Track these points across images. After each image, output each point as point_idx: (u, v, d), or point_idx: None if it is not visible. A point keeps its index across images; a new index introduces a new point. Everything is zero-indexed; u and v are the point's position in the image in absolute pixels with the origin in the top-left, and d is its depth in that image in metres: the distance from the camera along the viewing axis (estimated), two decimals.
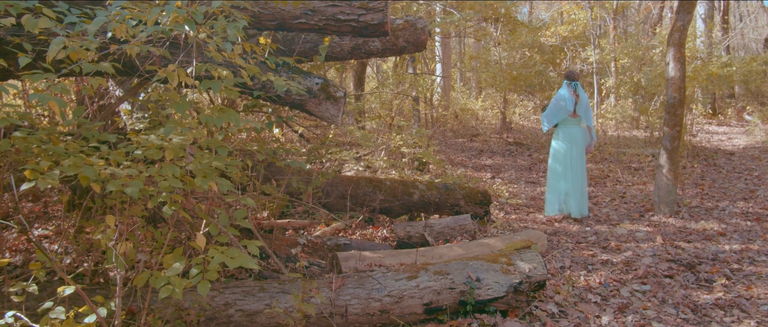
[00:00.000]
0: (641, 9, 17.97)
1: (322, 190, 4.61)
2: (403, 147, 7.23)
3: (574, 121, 5.72)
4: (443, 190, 5.09)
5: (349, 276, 3.01)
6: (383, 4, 2.88)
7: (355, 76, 9.51)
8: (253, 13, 2.82)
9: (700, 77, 10.20)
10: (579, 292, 3.49)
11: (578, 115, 5.66)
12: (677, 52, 5.57)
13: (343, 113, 3.10)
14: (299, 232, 4.65)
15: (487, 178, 8.01)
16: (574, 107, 5.62)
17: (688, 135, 10.00)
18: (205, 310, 2.70)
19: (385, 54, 3.89)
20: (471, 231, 4.64)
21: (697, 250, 4.41)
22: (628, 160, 8.93)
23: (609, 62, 13.04)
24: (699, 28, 13.75)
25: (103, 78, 2.15)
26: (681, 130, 5.73)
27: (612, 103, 13.21)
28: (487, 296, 3.02)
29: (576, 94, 5.62)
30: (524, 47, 12.51)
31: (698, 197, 6.53)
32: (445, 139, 11.50)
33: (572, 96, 5.61)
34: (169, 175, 2.00)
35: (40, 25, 1.80)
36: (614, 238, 4.89)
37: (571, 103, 5.61)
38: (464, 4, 9.95)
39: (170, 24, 2.09)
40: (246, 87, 2.82)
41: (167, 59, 2.60)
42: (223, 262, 1.96)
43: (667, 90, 5.69)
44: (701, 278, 3.77)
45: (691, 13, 5.68)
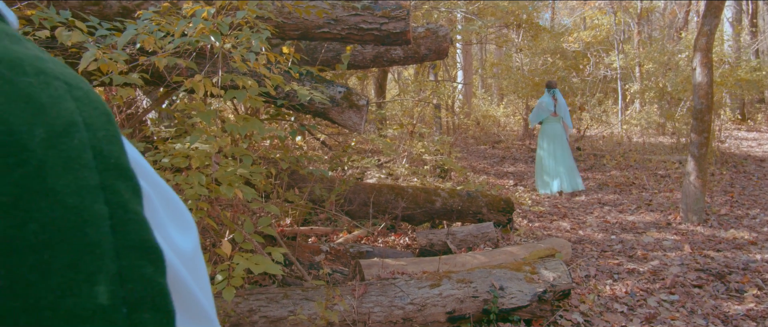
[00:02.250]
0: (666, 13, 17.71)
1: (344, 197, 4.64)
2: (425, 154, 7.22)
3: (555, 119, 7.37)
4: (466, 197, 5.07)
5: (372, 283, 3.01)
6: (405, 12, 2.89)
7: (377, 84, 9.54)
8: (276, 23, 2.87)
9: (728, 82, 9.99)
10: (605, 302, 3.44)
11: (557, 114, 7.32)
12: (704, 57, 5.47)
13: (366, 121, 3.12)
14: (322, 240, 4.67)
15: (509, 185, 7.95)
16: (554, 109, 7.31)
17: (717, 141, 9.79)
18: (229, 316, 2.73)
19: (407, 62, 3.90)
20: (494, 239, 4.61)
21: (727, 259, 4.31)
22: (654, 167, 8.77)
23: (633, 67, 12.86)
24: (726, 31, 13.48)
25: (132, 88, 2.21)
26: (709, 136, 5.62)
27: (637, 109, 13.01)
28: (510, 305, 2.99)
29: (555, 99, 7.32)
30: (546, 53, 12.42)
31: (727, 205, 6.38)
32: (466, 147, 11.45)
33: (552, 100, 7.30)
34: (195, 182, 2.04)
35: (74, 39, 1.85)
36: (640, 246, 4.80)
37: (551, 106, 7.32)
38: (486, 11, 9.93)
39: (196, 35, 2.14)
40: (270, 96, 2.86)
41: (193, 70, 2.65)
42: (248, 268, 1.99)
43: (694, 96, 5.59)
44: (731, 288, 3.68)
45: (719, 17, 5.58)
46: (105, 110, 0.27)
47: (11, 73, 0.23)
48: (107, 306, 0.22)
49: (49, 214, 0.21)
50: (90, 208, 0.23)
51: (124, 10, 2.73)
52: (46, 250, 0.21)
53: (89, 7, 2.67)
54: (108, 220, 0.23)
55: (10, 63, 0.23)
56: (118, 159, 0.25)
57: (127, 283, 0.23)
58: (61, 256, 0.21)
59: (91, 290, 0.22)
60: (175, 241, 0.30)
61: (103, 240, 0.23)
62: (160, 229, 0.28)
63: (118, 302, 0.23)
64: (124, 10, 2.73)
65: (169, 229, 0.30)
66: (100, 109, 0.26)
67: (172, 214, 0.31)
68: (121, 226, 0.24)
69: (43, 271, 0.21)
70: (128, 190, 0.25)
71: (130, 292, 0.23)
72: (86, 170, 0.23)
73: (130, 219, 0.24)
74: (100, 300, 0.22)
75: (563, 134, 7.36)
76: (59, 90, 0.24)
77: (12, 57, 0.24)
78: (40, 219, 0.21)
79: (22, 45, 0.26)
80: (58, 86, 0.25)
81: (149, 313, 0.24)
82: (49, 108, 0.23)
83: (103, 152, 0.25)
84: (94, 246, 0.22)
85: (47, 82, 0.24)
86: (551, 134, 7.33)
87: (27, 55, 0.25)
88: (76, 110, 0.24)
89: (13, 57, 0.24)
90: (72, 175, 0.23)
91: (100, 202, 0.23)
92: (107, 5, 2.73)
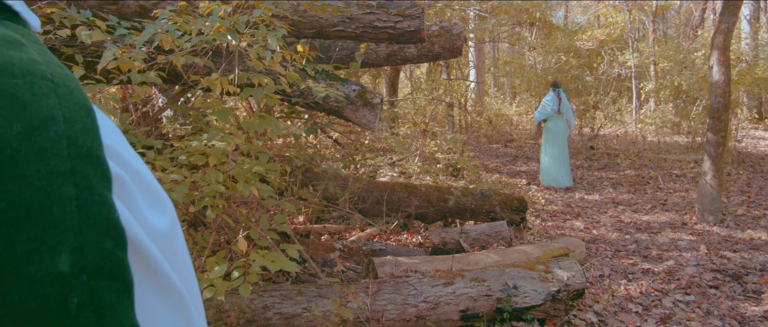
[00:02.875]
0: (682, 11, 17.50)
1: (358, 195, 4.65)
2: (438, 153, 7.21)
3: (559, 117, 7.68)
4: (479, 196, 5.06)
5: (385, 281, 3.02)
6: (420, 10, 2.89)
7: (389, 82, 9.54)
8: (292, 21, 2.88)
9: (746, 81, 9.85)
10: (619, 302, 3.42)
11: (561, 112, 7.64)
12: (721, 55, 5.41)
13: (380, 119, 3.13)
14: (334, 237, 4.69)
15: (522, 184, 7.91)
16: (558, 107, 7.60)
17: (733, 141, 9.67)
18: (244, 313, 2.75)
19: (421, 60, 3.90)
20: (507, 238, 4.59)
21: (743, 260, 4.26)
22: (669, 167, 8.68)
23: (648, 66, 12.73)
24: (744, 29, 13.29)
25: (148, 87, 2.23)
26: (726, 135, 5.55)
27: (651, 108, 12.88)
28: (524, 304, 2.99)
29: (559, 98, 7.62)
30: (560, 51, 12.34)
31: (744, 205, 6.29)
32: (479, 145, 11.42)
33: (557, 99, 7.59)
34: (212, 180, 2.06)
35: (94, 38, 1.88)
36: (655, 246, 4.76)
37: (555, 104, 7.59)
38: (499, 9, 9.89)
39: (213, 34, 2.16)
40: (285, 94, 2.87)
41: (210, 68, 2.67)
42: (263, 265, 2.00)
43: (711, 94, 5.52)
44: (748, 289, 3.63)
45: (736, 15, 5.51)
46: (85, 106, 0.31)
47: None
48: (67, 273, 0.26)
49: (18, 194, 0.25)
50: (57, 190, 0.26)
51: (142, 9, 2.76)
52: (14, 225, 0.24)
53: (107, 6, 2.70)
54: (74, 200, 0.27)
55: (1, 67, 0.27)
56: (91, 148, 0.29)
57: (88, 254, 0.27)
58: (27, 230, 0.25)
59: (53, 259, 0.25)
60: (149, 220, 0.34)
61: (68, 217, 0.26)
62: (133, 208, 0.33)
63: (78, 270, 0.26)
64: (142, 10, 2.76)
65: (143, 209, 0.34)
66: (80, 104, 0.30)
67: (148, 197, 0.36)
68: (86, 206, 0.27)
69: (10, 242, 0.24)
70: (96, 175, 0.29)
71: (89, 262, 0.27)
72: (58, 158, 0.27)
73: (94, 200, 0.28)
74: (61, 268, 0.25)
75: (565, 131, 7.71)
76: (43, 89, 0.28)
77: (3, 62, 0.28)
78: (10, 199, 0.24)
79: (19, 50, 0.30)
80: (42, 85, 0.28)
81: (107, 280, 0.28)
82: (30, 104, 0.27)
83: (77, 142, 0.28)
84: (58, 222, 0.26)
85: (33, 83, 0.28)
86: (555, 131, 7.64)
87: (19, 59, 0.29)
88: (57, 106, 0.28)
89: (4, 62, 0.28)
90: (43, 162, 0.26)
91: (68, 185, 0.27)
92: (125, 5, 2.76)
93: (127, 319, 0.29)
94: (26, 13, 0.35)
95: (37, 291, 0.25)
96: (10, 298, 0.24)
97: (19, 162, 0.25)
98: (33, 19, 0.36)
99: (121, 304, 0.28)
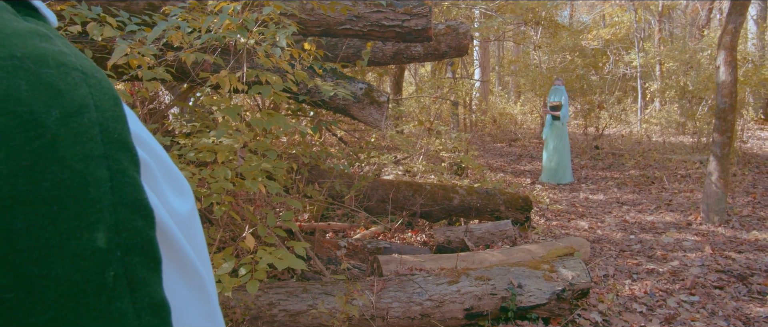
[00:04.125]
0: (688, 11, 17.42)
1: (363, 193, 4.66)
2: (443, 151, 7.21)
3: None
4: (484, 195, 5.06)
5: (390, 279, 3.03)
6: (427, 9, 2.90)
7: (394, 81, 9.54)
8: (300, 19, 2.89)
9: (752, 81, 9.81)
10: (623, 302, 3.42)
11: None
12: (728, 56, 5.39)
13: (386, 117, 3.13)
14: (339, 235, 4.71)
15: (526, 183, 7.91)
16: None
17: (739, 141, 9.63)
18: (250, 309, 2.77)
19: (427, 59, 3.91)
20: (512, 237, 4.60)
21: (749, 260, 4.25)
22: (674, 167, 8.66)
23: (653, 66, 12.69)
24: (751, 30, 13.23)
25: (157, 82, 2.25)
26: (732, 136, 5.54)
27: (656, 108, 12.85)
28: (529, 303, 2.99)
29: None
30: (565, 51, 12.31)
31: (750, 206, 6.28)
32: (483, 144, 11.41)
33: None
34: (220, 176, 2.07)
35: (105, 34, 1.89)
36: (660, 246, 4.76)
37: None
38: (505, 8, 9.87)
39: (223, 31, 2.17)
40: (292, 92, 2.88)
41: (219, 65, 2.69)
42: (270, 262, 2.01)
43: (717, 95, 5.51)
44: (754, 290, 3.63)
45: (744, 15, 5.49)
46: (114, 95, 0.33)
47: (36, 66, 0.28)
48: (104, 249, 0.28)
49: (59, 175, 0.27)
50: (93, 172, 0.28)
51: (151, 6, 2.78)
52: (56, 202, 0.26)
53: (117, 3, 2.71)
54: (108, 182, 0.29)
55: (36, 58, 0.29)
56: (121, 134, 0.31)
57: (122, 232, 0.29)
58: (68, 208, 0.27)
59: (91, 235, 0.27)
60: (172, 203, 0.36)
61: (103, 197, 0.28)
62: (158, 192, 0.34)
63: (114, 246, 0.28)
64: (151, 7, 2.77)
65: (167, 193, 0.36)
66: (109, 94, 0.32)
67: (170, 182, 0.38)
68: (118, 188, 0.29)
69: (53, 219, 0.26)
70: (127, 159, 0.31)
71: (123, 239, 0.29)
72: (92, 142, 0.29)
73: (126, 182, 0.30)
74: (99, 243, 0.28)
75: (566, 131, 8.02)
76: (76, 79, 0.30)
77: (38, 53, 0.29)
78: (52, 179, 0.26)
79: (49, 42, 0.31)
80: (75, 76, 0.30)
81: (139, 257, 0.30)
82: (65, 93, 0.29)
83: (108, 129, 0.30)
84: (95, 201, 0.28)
85: (66, 73, 0.30)
86: (561, 130, 7.87)
87: (52, 51, 0.30)
88: (88, 95, 0.30)
89: (39, 53, 0.29)
90: (80, 146, 0.28)
91: (102, 167, 0.29)
92: (134, 3, 2.77)
93: (156, 293, 0.31)
94: (45, 10, 0.37)
95: (78, 264, 0.27)
96: (55, 270, 0.26)
97: (58, 145, 0.27)
98: (51, 16, 0.37)
99: (151, 279, 0.31)
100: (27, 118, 0.27)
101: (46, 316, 0.26)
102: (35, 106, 0.27)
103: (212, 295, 0.39)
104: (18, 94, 0.27)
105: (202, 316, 0.38)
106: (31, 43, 0.30)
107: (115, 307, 0.28)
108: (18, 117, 0.26)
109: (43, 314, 0.25)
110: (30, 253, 0.25)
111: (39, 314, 0.25)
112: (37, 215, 0.26)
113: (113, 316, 0.28)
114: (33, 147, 0.26)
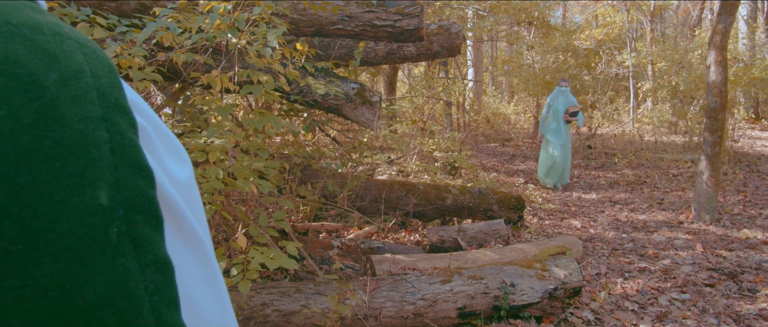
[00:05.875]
0: (679, 11, 17.54)
1: (356, 193, 4.66)
2: (436, 151, 7.22)
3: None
4: (477, 194, 5.07)
5: (383, 279, 3.04)
6: (419, 9, 2.90)
7: (387, 81, 9.55)
8: (291, 19, 2.89)
9: (743, 81, 9.89)
10: (615, 300, 3.44)
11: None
12: (719, 55, 5.43)
13: (378, 117, 3.14)
14: (333, 235, 4.70)
15: (519, 183, 7.94)
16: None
17: (730, 140, 9.70)
18: (242, 310, 2.76)
19: (419, 59, 3.91)
20: (505, 236, 4.61)
21: (739, 258, 4.29)
22: (666, 166, 8.72)
23: (645, 65, 12.77)
24: (741, 29, 13.33)
25: (147, 83, 2.24)
26: (722, 135, 5.58)
27: (648, 107, 12.92)
28: (521, 302, 3.00)
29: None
30: (558, 51, 12.35)
31: (740, 204, 6.33)
32: (477, 144, 11.44)
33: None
34: (212, 176, 2.07)
35: (95, 35, 1.89)
36: (652, 245, 4.79)
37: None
38: (498, 8, 9.90)
39: (213, 31, 2.16)
40: (284, 92, 2.88)
41: (210, 66, 2.68)
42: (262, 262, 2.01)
43: (708, 94, 5.55)
44: (744, 288, 3.66)
45: (734, 15, 5.53)
46: (108, 63, 0.34)
47: (32, 33, 0.29)
48: (107, 206, 0.29)
49: (60, 134, 0.28)
50: (93, 133, 0.29)
51: (142, 7, 2.77)
52: (58, 160, 0.27)
53: (107, 4, 2.70)
54: (108, 143, 0.30)
55: (31, 25, 0.30)
56: (118, 99, 0.32)
57: (123, 191, 0.30)
58: (70, 165, 0.28)
59: (93, 192, 0.28)
60: (170, 169, 0.37)
61: (104, 157, 0.30)
62: (156, 157, 0.35)
63: (116, 204, 0.29)
64: (142, 7, 2.76)
65: (165, 158, 0.37)
66: (104, 62, 0.33)
67: (168, 148, 0.39)
68: (118, 148, 0.31)
69: (56, 175, 0.27)
70: (125, 122, 0.32)
71: (125, 197, 0.30)
72: (91, 105, 0.30)
73: (125, 143, 0.31)
74: (101, 201, 0.29)
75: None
76: (71, 47, 0.31)
77: (33, 22, 0.30)
78: (53, 137, 0.27)
79: (42, 15, 0.32)
80: (70, 44, 0.31)
81: (141, 215, 0.31)
82: (61, 59, 0.30)
83: (105, 93, 0.31)
84: (96, 160, 0.29)
85: (62, 41, 0.31)
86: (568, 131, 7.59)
87: (46, 21, 0.31)
88: (84, 62, 0.31)
89: (34, 22, 0.30)
90: (79, 108, 0.29)
91: (101, 129, 0.30)
92: (124, 3, 2.76)
93: (159, 251, 0.32)
94: None
95: (82, 220, 0.28)
96: (60, 224, 0.27)
97: (58, 106, 0.28)
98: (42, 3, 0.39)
99: (154, 237, 0.32)
100: (26, 79, 0.28)
101: (53, 268, 0.26)
102: (34, 69, 0.28)
103: (213, 261, 0.40)
104: (16, 57, 0.28)
105: (204, 281, 0.39)
106: (24, 12, 0.31)
107: (120, 262, 0.29)
108: (18, 78, 0.28)
109: (50, 267, 0.26)
110: (35, 207, 0.26)
111: (46, 266, 0.26)
112: (40, 171, 0.27)
113: (118, 272, 0.29)
114: (33, 106, 0.27)
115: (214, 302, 0.39)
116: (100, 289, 0.28)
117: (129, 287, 0.29)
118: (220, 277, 0.41)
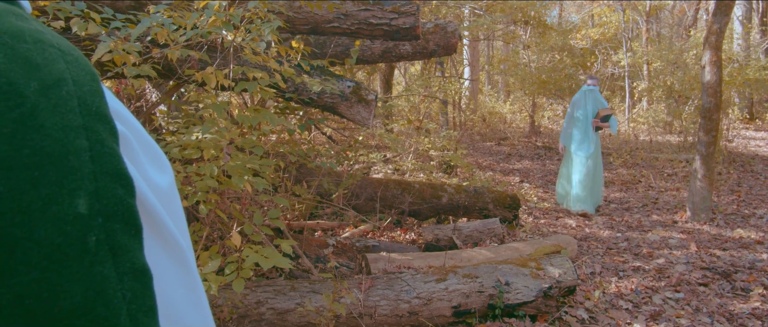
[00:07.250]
0: (675, 11, 17.59)
1: (351, 191, 4.65)
2: (432, 150, 7.23)
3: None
4: (472, 193, 5.07)
5: (378, 277, 3.03)
6: (415, 7, 2.90)
7: (383, 79, 9.54)
8: (287, 17, 2.88)
9: (737, 81, 9.93)
10: (610, 299, 3.45)
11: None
12: (713, 56, 5.45)
13: (374, 116, 3.13)
14: (328, 234, 4.70)
15: (515, 182, 7.95)
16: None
17: (724, 140, 9.74)
18: (237, 308, 2.76)
19: (415, 57, 3.91)
20: (500, 235, 4.62)
21: (733, 258, 4.31)
22: (660, 166, 8.75)
23: (641, 65, 12.80)
24: (736, 30, 13.39)
25: (143, 79, 2.23)
26: (717, 135, 5.60)
27: (644, 107, 12.96)
28: (516, 300, 3.01)
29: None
30: (554, 50, 12.37)
31: (734, 204, 6.36)
32: (472, 143, 11.45)
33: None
34: (206, 174, 2.06)
35: (89, 30, 1.87)
36: (646, 244, 4.80)
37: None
38: (494, 7, 9.90)
39: (209, 27, 2.15)
40: (280, 90, 2.87)
41: (205, 62, 2.67)
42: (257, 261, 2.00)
43: (702, 94, 5.57)
44: (737, 287, 3.68)
45: (729, 16, 5.55)
46: (91, 71, 0.34)
47: (13, 41, 0.29)
48: (85, 215, 0.29)
49: (40, 143, 0.28)
50: (73, 141, 0.29)
51: (136, 3, 2.75)
52: (37, 168, 0.27)
53: (101, 1, 2.69)
54: (88, 151, 0.30)
55: (13, 33, 0.30)
56: (99, 107, 0.32)
57: (102, 199, 0.30)
58: (49, 174, 0.28)
59: (72, 201, 0.28)
60: (151, 177, 0.37)
61: (83, 166, 0.29)
62: (137, 165, 0.35)
63: (95, 213, 0.29)
64: (136, 4, 2.75)
65: (146, 166, 0.37)
66: (86, 70, 0.33)
67: (149, 155, 0.39)
68: (98, 157, 0.30)
69: (34, 184, 0.27)
70: (106, 131, 0.32)
71: (104, 206, 0.30)
72: (71, 114, 0.30)
73: (105, 152, 0.31)
74: (80, 209, 0.29)
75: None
76: (53, 54, 0.31)
77: (15, 29, 0.30)
78: (32, 146, 0.27)
79: (25, 21, 0.32)
80: (52, 52, 0.31)
81: (120, 223, 0.31)
82: (43, 67, 0.30)
83: (87, 102, 0.31)
84: (75, 169, 0.29)
85: (43, 49, 0.31)
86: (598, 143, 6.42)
87: (28, 29, 0.31)
88: (66, 70, 0.31)
89: (15, 29, 0.30)
90: (59, 117, 0.29)
91: (81, 138, 0.30)
92: (118, 1, 2.75)
93: (138, 259, 0.32)
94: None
95: (60, 228, 0.28)
96: (37, 232, 0.27)
97: (38, 115, 0.28)
98: (26, 4, 0.38)
99: (132, 245, 0.32)
100: (6, 88, 0.27)
101: (30, 276, 0.26)
102: (14, 78, 0.28)
103: (193, 267, 0.40)
104: None
105: (183, 287, 0.39)
106: (7, 19, 0.31)
107: (98, 270, 0.29)
108: None
109: (26, 275, 0.26)
110: (12, 216, 0.26)
111: (22, 275, 0.26)
112: (18, 180, 0.27)
113: (96, 280, 0.29)
114: (13, 115, 0.27)
115: (193, 308, 0.40)
116: (77, 298, 0.28)
117: (106, 295, 0.29)
118: (199, 283, 0.41)
